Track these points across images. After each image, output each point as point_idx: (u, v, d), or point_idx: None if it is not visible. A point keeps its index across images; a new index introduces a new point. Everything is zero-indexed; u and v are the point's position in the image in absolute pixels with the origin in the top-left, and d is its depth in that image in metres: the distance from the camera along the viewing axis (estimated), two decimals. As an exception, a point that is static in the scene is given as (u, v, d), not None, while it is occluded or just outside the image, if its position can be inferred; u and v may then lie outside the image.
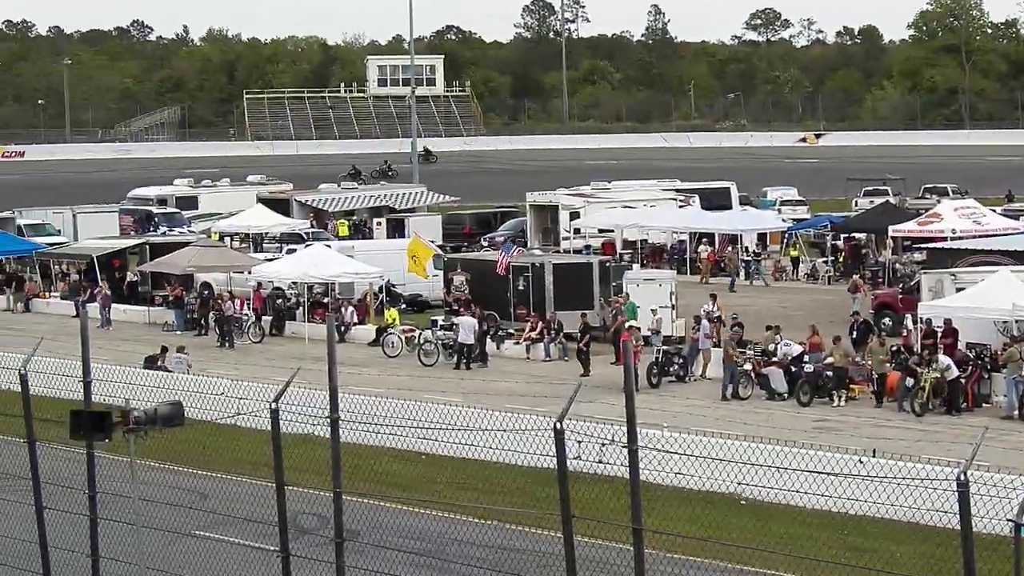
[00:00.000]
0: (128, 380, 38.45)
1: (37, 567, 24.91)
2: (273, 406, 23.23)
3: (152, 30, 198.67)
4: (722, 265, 73.89)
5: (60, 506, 25.58)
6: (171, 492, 32.18)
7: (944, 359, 44.58)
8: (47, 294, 72.24)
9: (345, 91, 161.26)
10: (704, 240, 75.41)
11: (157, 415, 24.08)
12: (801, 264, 75.65)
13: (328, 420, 24.03)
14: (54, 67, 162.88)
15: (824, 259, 75.85)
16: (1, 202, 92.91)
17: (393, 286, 64.07)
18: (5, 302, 71.90)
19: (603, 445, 26.81)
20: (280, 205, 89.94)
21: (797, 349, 48.11)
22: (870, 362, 46.84)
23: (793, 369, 47.24)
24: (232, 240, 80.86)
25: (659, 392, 47.43)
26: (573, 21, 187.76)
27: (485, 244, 77.28)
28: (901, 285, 61.11)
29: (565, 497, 20.83)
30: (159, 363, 50.87)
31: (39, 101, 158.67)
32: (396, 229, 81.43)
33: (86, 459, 24.92)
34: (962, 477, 15.94)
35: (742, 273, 73.37)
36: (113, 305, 66.46)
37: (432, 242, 72.00)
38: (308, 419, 26.13)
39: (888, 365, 46.33)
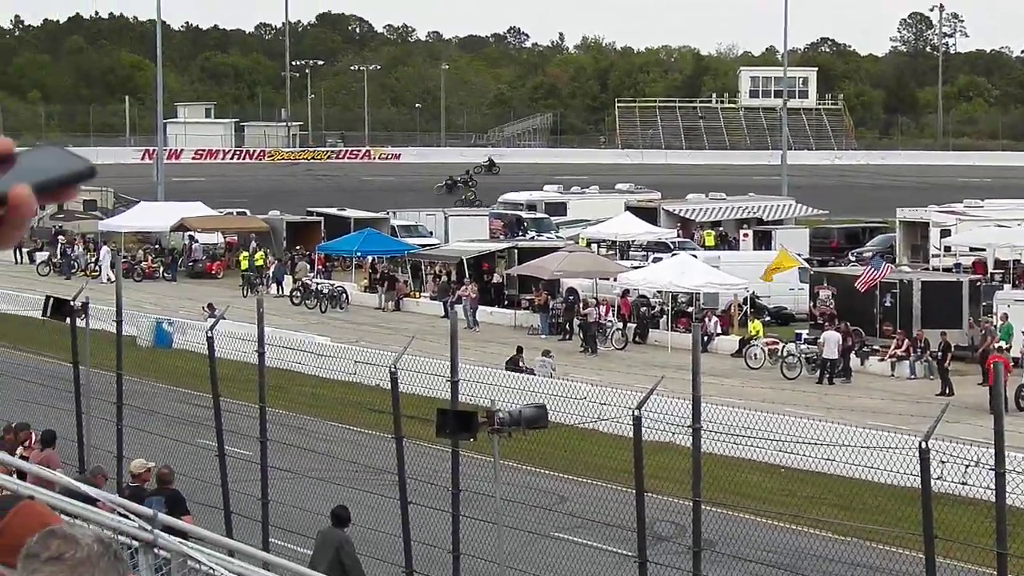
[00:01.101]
0: (493, 381, 38.89)
1: (400, 560, 25.35)
2: (636, 413, 23.29)
3: (528, 37, 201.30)
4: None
5: (424, 502, 26.00)
6: (531, 493, 32.49)
7: None
8: (417, 294, 73.34)
9: (716, 101, 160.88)
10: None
11: (521, 417, 24.33)
12: None
13: (690, 429, 24.06)
14: (432, 71, 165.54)
15: None
16: (377, 203, 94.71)
17: (758, 298, 63.83)
18: (377, 300, 73.17)
19: (967, 467, 26.37)
20: (647, 214, 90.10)
21: None
22: None
23: None
24: (599, 247, 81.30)
25: (1025, 415, 46.46)
26: (951, 35, 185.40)
27: (853, 259, 76.48)
28: None
29: (928, 517, 20.55)
30: (519, 364, 51.39)
31: (416, 105, 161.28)
32: (762, 241, 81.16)
33: (451, 457, 25.29)
34: None
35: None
36: (480, 307, 67.30)
37: (799, 255, 71.50)
38: (670, 427, 26.18)
39: None
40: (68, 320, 33.33)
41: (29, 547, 4.34)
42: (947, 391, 48.94)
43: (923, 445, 20.73)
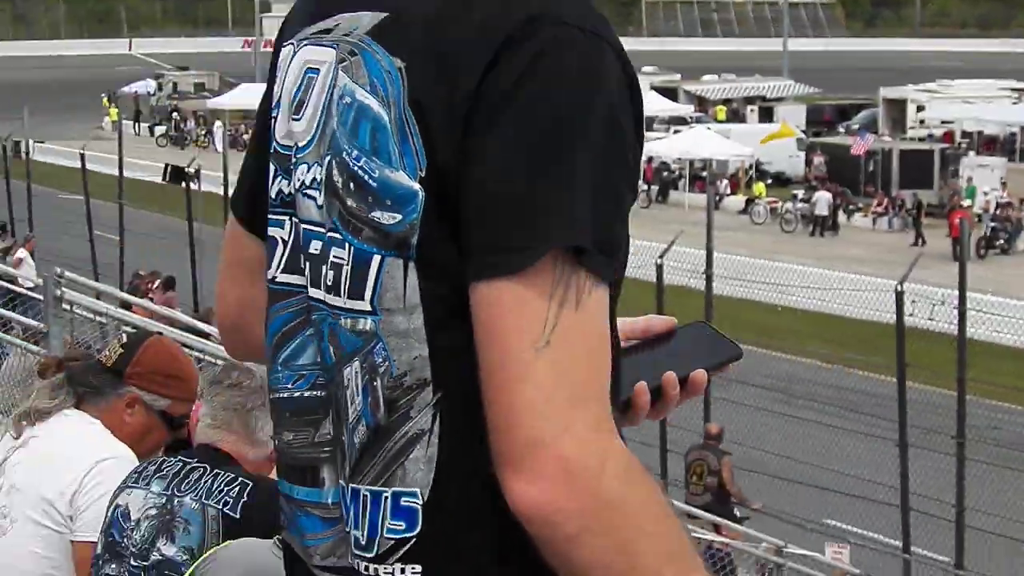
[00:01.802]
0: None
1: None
2: (658, 261, 23.38)
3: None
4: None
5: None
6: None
7: None
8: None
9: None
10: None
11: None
12: None
13: (703, 275, 24.17)
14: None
15: None
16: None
17: (761, 164, 63.66)
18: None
19: (935, 305, 26.43)
20: (669, 92, 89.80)
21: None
22: None
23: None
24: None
25: (986, 263, 46.36)
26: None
27: (842, 131, 76.00)
28: None
29: (901, 349, 20.67)
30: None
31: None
32: (766, 115, 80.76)
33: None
34: None
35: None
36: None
37: (797, 127, 71.23)
38: (688, 274, 26.26)
39: None
40: (184, 183, 33.55)
41: (215, 375, 4.53)
42: (919, 242, 48.91)
43: (898, 287, 20.80)
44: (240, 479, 4.30)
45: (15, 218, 36.26)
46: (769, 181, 62.39)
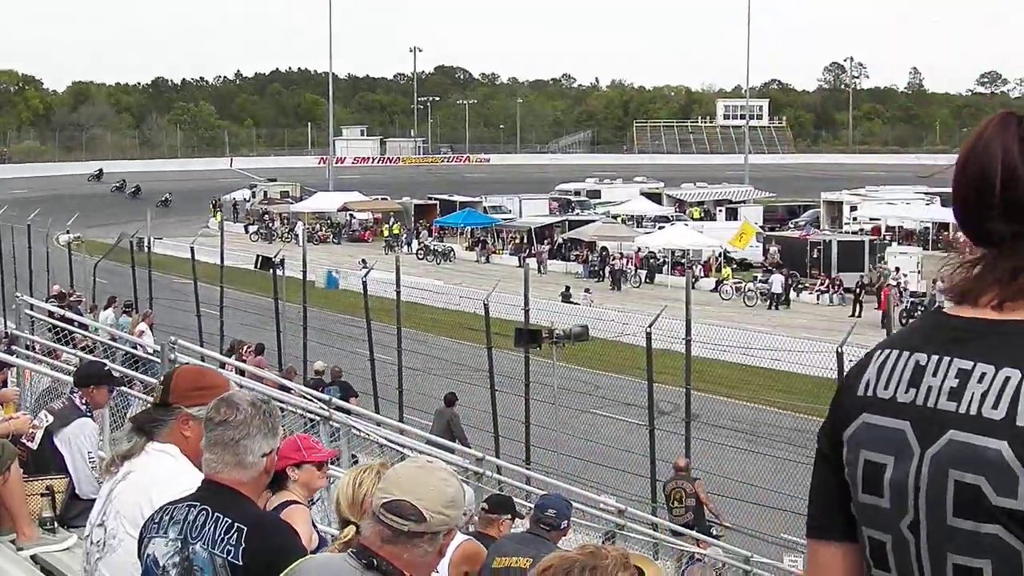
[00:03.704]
0: (552, 309, 38.87)
1: (490, 428, 25.46)
2: (648, 330, 23.30)
3: (575, 79, 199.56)
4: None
5: (506, 390, 26.11)
6: (577, 384, 32.55)
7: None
8: (501, 252, 73.54)
9: (702, 122, 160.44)
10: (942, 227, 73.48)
11: (571, 332, 24.41)
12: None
13: (683, 340, 24.09)
14: (511, 102, 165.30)
15: None
16: (474, 191, 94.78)
17: (728, 253, 63.68)
18: (474, 256, 73.43)
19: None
20: (655, 197, 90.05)
21: None
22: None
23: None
24: (622, 219, 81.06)
25: (907, 330, 46.09)
26: (858, 77, 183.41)
27: (791, 226, 75.99)
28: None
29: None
30: (569, 298, 51.54)
31: (501, 125, 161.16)
32: (731, 215, 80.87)
33: (524, 360, 25.39)
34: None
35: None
36: (548, 260, 67.57)
37: (756, 223, 71.27)
38: (671, 339, 26.20)
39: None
40: (271, 270, 33.61)
41: (208, 412, 4.41)
42: (857, 313, 48.83)
43: (839, 349, 20.74)
44: (236, 525, 4.16)
45: (138, 298, 36.37)
46: (734, 266, 62.40)
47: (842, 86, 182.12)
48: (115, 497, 4.83)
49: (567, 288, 53.70)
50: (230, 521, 4.17)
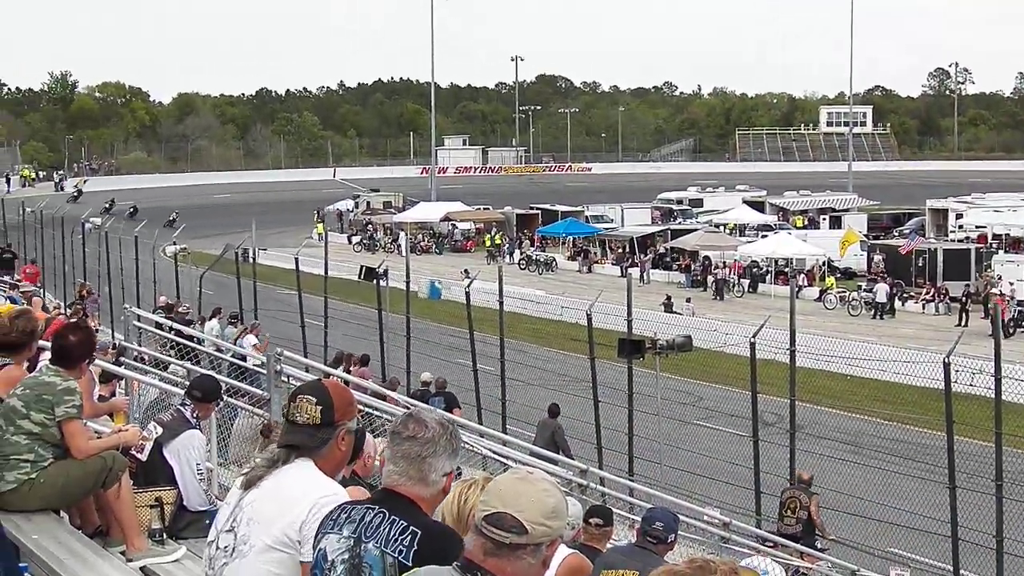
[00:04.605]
0: (655, 319, 38.69)
1: (593, 439, 25.35)
2: (751, 340, 23.12)
3: (677, 87, 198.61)
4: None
5: (609, 401, 26.00)
6: (680, 395, 32.42)
7: None
8: (604, 261, 73.44)
9: (804, 129, 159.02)
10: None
11: (674, 343, 24.28)
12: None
13: (787, 351, 23.87)
14: (613, 111, 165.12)
15: None
16: (576, 201, 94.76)
17: (832, 261, 63.07)
18: (576, 266, 73.39)
19: (975, 374, 25.90)
20: (758, 205, 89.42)
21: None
22: None
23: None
24: (725, 228, 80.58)
25: (1015, 339, 45.36)
26: (963, 82, 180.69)
27: (896, 235, 75.07)
28: None
29: (949, 408, 20.29)
30: (671, 308, 51.32)
31: (602, 134, 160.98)
32: (835, 223, 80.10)
33: (627, 371, 25.32)
34: None
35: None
36: (650, 269, 67.35)
37: (860, 232, 70.53)
38: (775, 349, 25.98)
39: None
40: (375, 281, 33.84)
41: (395, 427, 4.51)
42: (962, 323, 48.06)
43: (946, 359, 20.42)
44: (410, 528, 4.26)
45: (244, 308, 36.81)
46: (839, 275, 61.81)
47: (947, 92, 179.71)
48: (248, 504, 4.93)
49: (668, 298, 53.48)
50: (405, 524, 4.27)
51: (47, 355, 8.23)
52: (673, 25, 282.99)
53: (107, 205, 53.68)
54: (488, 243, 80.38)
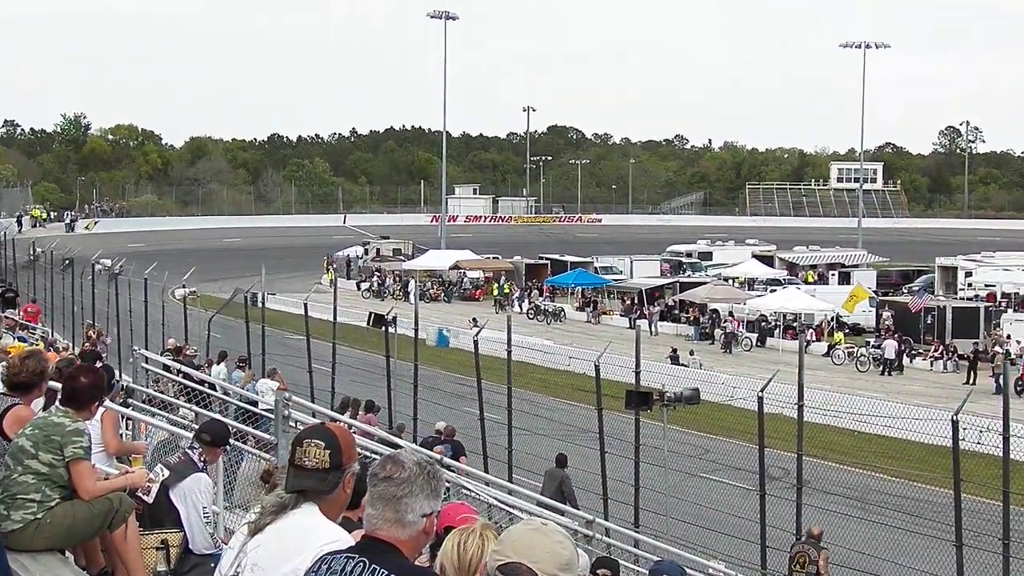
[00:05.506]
0: (663, 371, 38.64)
1: (599, 490, 25.28)
2: (759, 394, 23.10)
3: (688, 140, 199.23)
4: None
5: (616, 452, 25.93)
6: (686, 447, 32.37)
7: None
8: (612, 312, 73.40)
9: (815, 184, 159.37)
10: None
11: (682, 396, 24.27)
12: None
13: (795, 406, 23.81)
14: (623, 163, 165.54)
15: None
16: (585, 251, 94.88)
17: (840, 317, 62.98)
18: (585, 316, 73.35)
19: (982, 432, 25.84)
20: (767, 259, 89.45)
21: None
22: None
23: None
24: (734, 282, 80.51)
25: (1022, 398, 45.33)
26: (973, 141, 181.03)
27: (905, 291, 75.03)
28: None
29: (956, 466, 20.24)
30: (678, 361, 51.22)
31: (613, 186, 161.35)
32: (844, 279, 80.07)
33: (634, 422, 25.27)
34: None
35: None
36: (659, 321, 67.28)
37: (869, 288, 70.46)
38: (783, 404, 25.93)
39: None
40: (383, 328, 33.85)
41: (373, 468, 4.52)
42: (971, 381, 47.95)
43: (955, 417, 20.38)
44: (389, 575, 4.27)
45: (252, 352, 36.82)
46: (847, 331, 61.71)
47: (958, 150, 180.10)
48: (252, 550, 4.93)
49: (674, 350, 53.39)
50: (386, 572, 4.26)
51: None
52: (685, 78, 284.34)
53: (67, 261, 53.25)
54: (496, 292, 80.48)
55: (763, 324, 63.27)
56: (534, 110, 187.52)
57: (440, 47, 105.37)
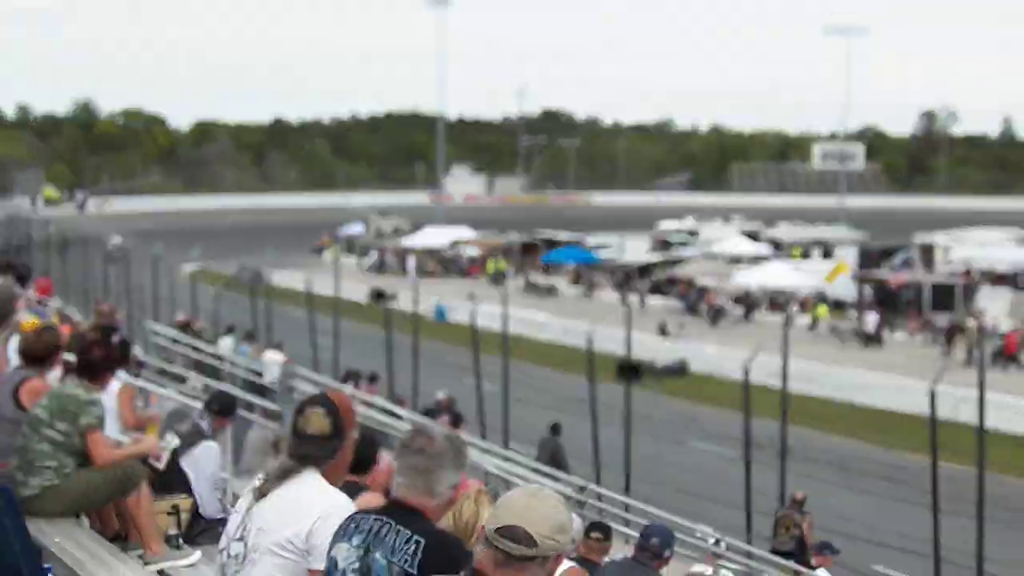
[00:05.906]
0: (652, 344, 38.79)
1: (590, 458, 25.35)
2: (746, 365, 23.14)
3: (676, 124, 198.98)
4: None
5: (608, 421, 26.01)
6: (676, 416, 32.45)
7: None
8: (603, 287, 73.32)
9: (798, 165, 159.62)
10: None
11: (671, 367, 24.34)
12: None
13: (780, 376, 23.89)
14: (614, 145, 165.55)
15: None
16: (577, 229, 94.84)
17: (820, 292, 63.03)
18: (577, 292, 73.34)
19: (958, 403, 25.96)
20: (753, 236, 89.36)
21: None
22: None
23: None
24: (721, 257, 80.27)
25: (998, 370, 45.30)
26: (951, 124, 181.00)
27: (886, 267, 75.02)
28: None
29: (934, 434, 20.33)
30: (667, 333, 51.30)
31: (603, 167, 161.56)
32: (827, 254, 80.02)
33: (624, 392, 25.32)
34: None
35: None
36: (648, 295, 67.25)
37: (851, 264, 70.46)
38: (768, 375, 26.02)
39: None
40: (384, 302, 33.89)
41: (403, 440, 4.58)
42: (948, 354, 48.05)
43: (932, 388, 20.45)
44: (414, 538, 4.33)
45: (257, 326, 36.85)
46: (832, 303, 61.82)
47: (935, 133, 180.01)
48: (257, 514, 4.96)
49: (664, 322, 53.44)
50: (410, 534, 4.34)
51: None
52: (673, 63, 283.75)
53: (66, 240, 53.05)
54: (491, 268, 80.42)
55: (748, 299, 63.29)
56: (527, 94, 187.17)
57: (438, 32, 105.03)
